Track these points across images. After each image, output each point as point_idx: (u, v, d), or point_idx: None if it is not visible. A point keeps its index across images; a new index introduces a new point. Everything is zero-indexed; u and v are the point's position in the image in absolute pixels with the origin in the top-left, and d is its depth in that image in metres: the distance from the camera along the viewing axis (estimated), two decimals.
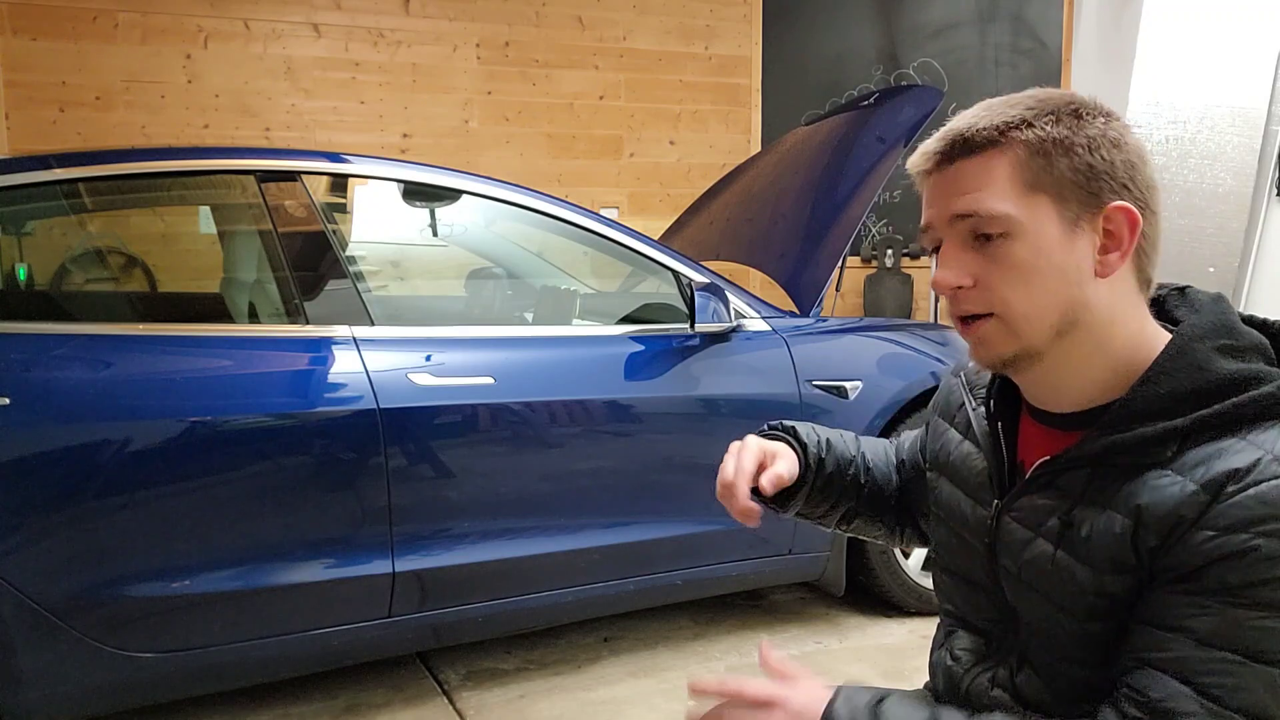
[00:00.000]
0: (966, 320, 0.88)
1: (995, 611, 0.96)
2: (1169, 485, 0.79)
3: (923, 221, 0.91)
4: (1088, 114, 0.84)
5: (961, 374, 1.09)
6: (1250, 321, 0.88)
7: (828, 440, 1.16)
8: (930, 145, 0.88)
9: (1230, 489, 0.76)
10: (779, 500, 1.13)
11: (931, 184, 0.89)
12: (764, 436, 1.13)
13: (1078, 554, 0.84)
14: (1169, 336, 0.86)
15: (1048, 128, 0.84)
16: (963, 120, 0.87)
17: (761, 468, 1.05)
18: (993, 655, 0.96)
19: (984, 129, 0.85)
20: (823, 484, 1.14)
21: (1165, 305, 0.93)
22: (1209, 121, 3.82)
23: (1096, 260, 0.84)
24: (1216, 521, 0.76)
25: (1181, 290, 0.93)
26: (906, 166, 0.93)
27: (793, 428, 1.15)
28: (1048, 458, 0.89)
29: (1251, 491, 0.75)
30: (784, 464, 1.06)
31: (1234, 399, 0.80)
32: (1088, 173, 0.83)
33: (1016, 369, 0.88)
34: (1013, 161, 0.84)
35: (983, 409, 1.00)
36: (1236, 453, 0.78)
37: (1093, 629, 0.84)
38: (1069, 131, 0.84)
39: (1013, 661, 0.93)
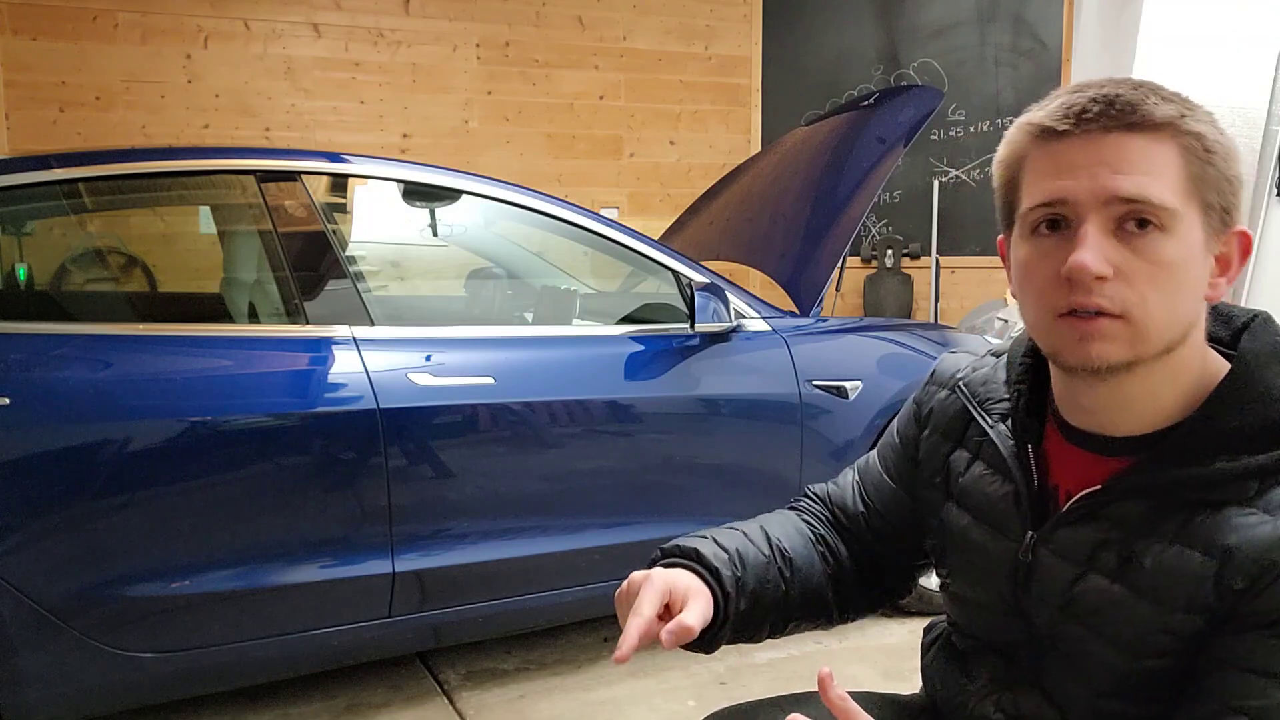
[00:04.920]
0: (1088, 316, 0.76)
1: (1016, 635, 0.90)
2: (1258, 525, 0.74)
3: (1052, 193, 0.76)
4: (1214, 120, 0.76)
5: (963, 386, 0.98)
6: None
7: (738, 552, 0.96)
8: (1078, 102, 0.75)
9: None
10: (702, 643, 0.93)
11: (1070, 149, 0.75)
12: (665, 565, 0.93)
13: (1141, 590, 0.79)
14: (1222, 360, 0.81)
15: (1206, 127, 0.75)
16: (1120, 89, 0.75)
17: (668, 610, 0.86)
18: (1007, 679, 0.92)
19: (1161, 105, 0.74)
20: (748, 606, 0.95)
21: None
22: None
23: (1209, 283, 0.78)
24: None
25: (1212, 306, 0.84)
26: (1023, 120, 0.79)
27: (695, 550, 0.94)
28: (1097, 487, 0.82)
29: None
30: (696, 610, 0.86)
31: None
32: (1231, 186, 0.76)
33: (1108, 378, 0.79)
34: (1182, 153, 0.74)
35: (1003, 427, 0.91)
36: None
37: (1150, 665, 0.79)
38: (1221, 136, 0.75)
39: (1024, 685, 0.89)
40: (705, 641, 0.94)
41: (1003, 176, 0.83)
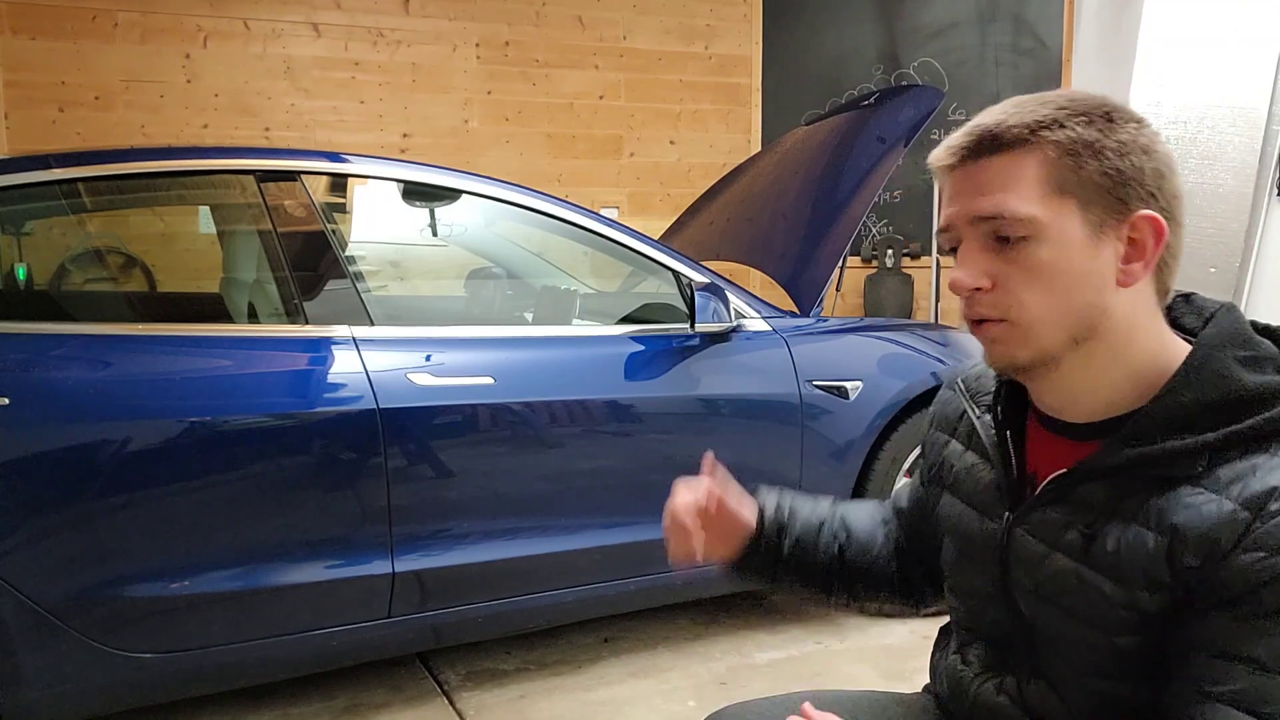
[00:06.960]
0: (979, 322, 0.85)
1: (1009, 623, 0.93)
2: (1205, 503, 0.77)
3: (942, 221, 0.87)
4: (1120, 118, 0.82)
5: (959, 382, 1.05)
6: (1256, 328, 0.86)
7: (791, 506, 1.13)
8: (956, 140, 0.85)
9: (1273, 507, 0.74)
10: (751, 568, 1.12)
11: (954, 180, 0.86)
12: None
13: (1103, 568, 0.82)
14: (1185, 346, 0.84)
15: (1079, 129, 0.81)
16: (991, 116, 0.84)
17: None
18: (1004, 664, 0.95)
19: (1014, 126, 0.82)
20: (793, 549, 1.11)
21: (1172, 312, 0.90)
22: (1209, 121, 3.82)
23: (1119, 269, 0.82)
24: (1265, 541, 0.73)
25: (1186, 297, 0.90)
26: (928, 161, 0.89)
27: (755, 488, 1.13)
28: (1064, 471, 0.86)
29: None
30: (734, 497, 1.09)
31: (1265, 414, 0.78)
32: (1116, 178, 0.81)
33: (1030, 375, 0.86)
34: (1041, 161, 0.81)
35: (988, 417, 0.97)
36: (1272, 470, 0.76)
37: (1121, 643, 0.82)
38: (1100, 134, 0.81)
39: (1023, 672, 0.92)
40: (757, 566, 1.11)
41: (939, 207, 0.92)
